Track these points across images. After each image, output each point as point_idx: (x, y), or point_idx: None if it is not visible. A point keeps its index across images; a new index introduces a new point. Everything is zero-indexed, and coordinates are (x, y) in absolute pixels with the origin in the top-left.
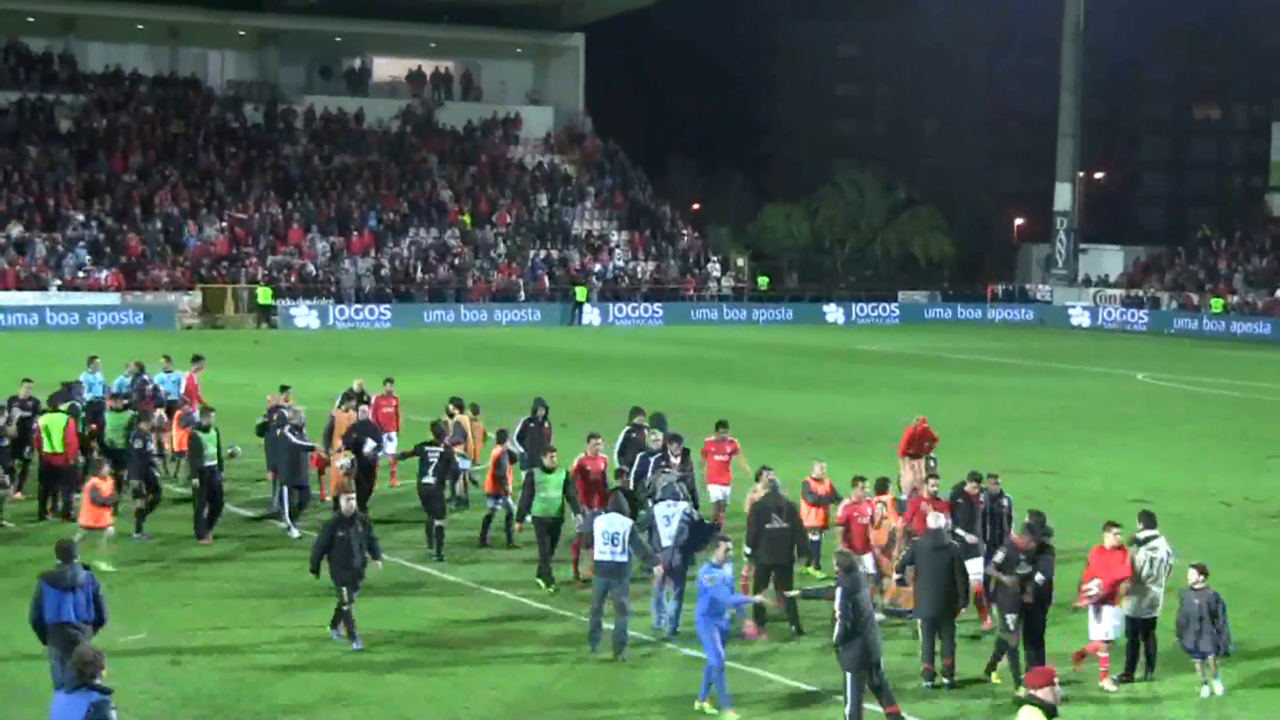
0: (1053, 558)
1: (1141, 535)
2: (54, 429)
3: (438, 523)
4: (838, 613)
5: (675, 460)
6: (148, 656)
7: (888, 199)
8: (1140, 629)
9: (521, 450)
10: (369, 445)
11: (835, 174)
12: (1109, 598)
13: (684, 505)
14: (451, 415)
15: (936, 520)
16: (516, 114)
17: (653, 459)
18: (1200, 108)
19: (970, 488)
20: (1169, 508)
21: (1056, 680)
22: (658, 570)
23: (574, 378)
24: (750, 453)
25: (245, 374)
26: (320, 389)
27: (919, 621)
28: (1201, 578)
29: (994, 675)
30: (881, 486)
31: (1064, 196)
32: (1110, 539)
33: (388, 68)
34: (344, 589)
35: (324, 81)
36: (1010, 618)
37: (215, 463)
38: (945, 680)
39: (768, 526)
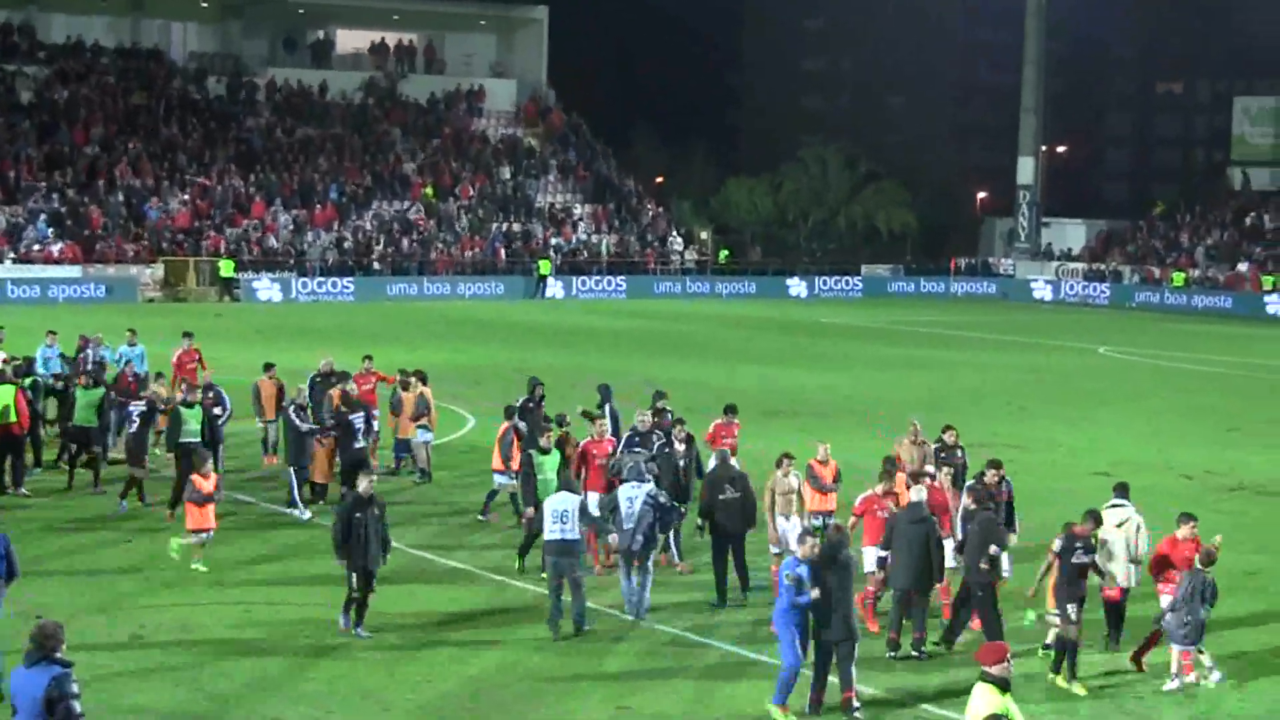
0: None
1: (1109, 505)
2: (4, 398)
3: None
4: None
5: (680, 446)
6: (110, 630)
7: (851, 173)
8: (1113, 601)
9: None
10: (359, 421)
11: (800, 148)
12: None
13: (648, 487)
14: (408, 386)
15: (919, 494)
16: (480, 86)
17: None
18: (1163, 83)
19: (990, 476)
20: (1132, 481)
21: (1009, 656)
22: (611, 540)
23: (537, 351)
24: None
25: (207, 347)
26: (283, 362)
27: (891, 591)
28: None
29: (1063, 679)
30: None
31: (1026, 170)
32: (1184, 530)
33: (351, 40)
34: (354, 575)
35: (287, 54)
36: (1071, 608)
37: (197, 439)
38: (915, 653)
39: (720, 498)
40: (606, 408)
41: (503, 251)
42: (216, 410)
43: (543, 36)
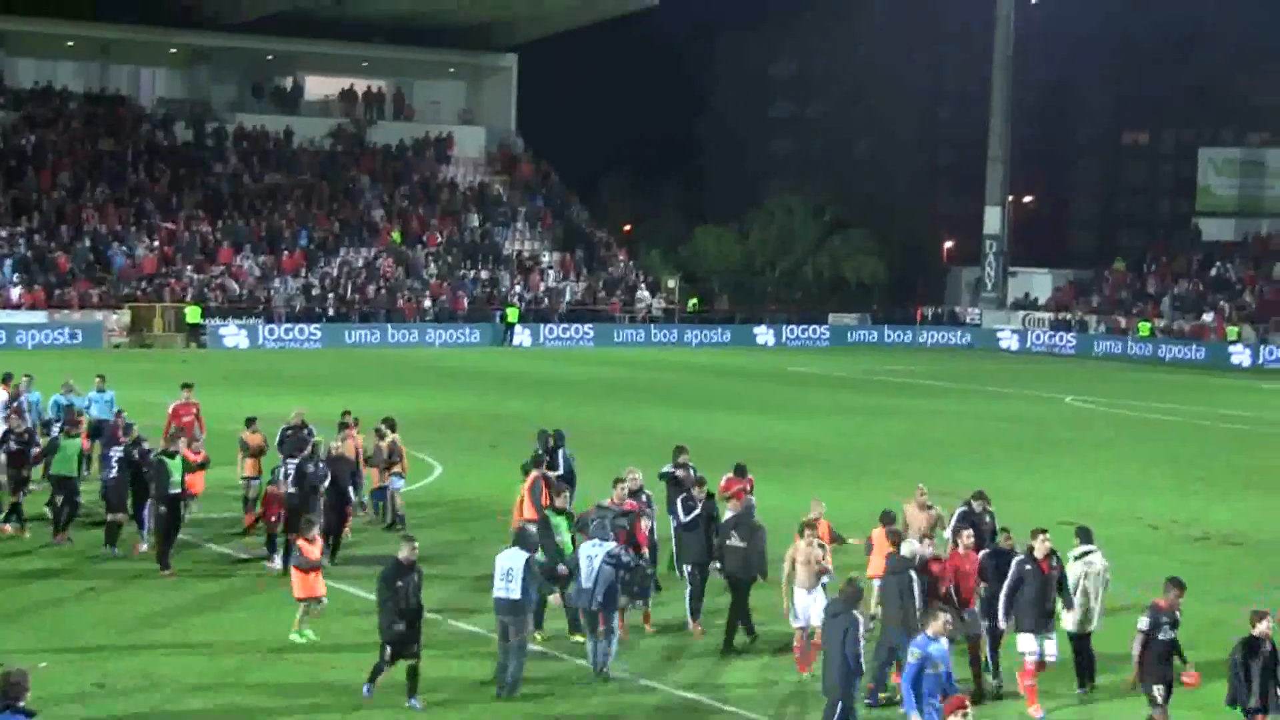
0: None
1: (1077, 551)
2: None
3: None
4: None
5: (699, 496)
6: (74, 679)
7: (819, 221)
8: (1079, 644)
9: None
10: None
11: (768, 196)
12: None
13: (609, 546)
14: (383, 435)
15: (909, 547)
16: (449, 134)
17: (679, 500)
18: (1130, 133)
19: (1004, 540)
20: (1098, 530)
21: (968, 707)
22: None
23: (505, 398)
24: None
25: (172, 394)
26: (249, 409)
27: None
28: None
29: None
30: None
31: (993, 220)
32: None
33: (320, 86)
34: (387, 647)
35: (255, 100)
36: (1158, 691)
37: (179, 490)
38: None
39: (727, 543)
40: (560, 454)
41: (465, 299)
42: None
43: (512, 84)
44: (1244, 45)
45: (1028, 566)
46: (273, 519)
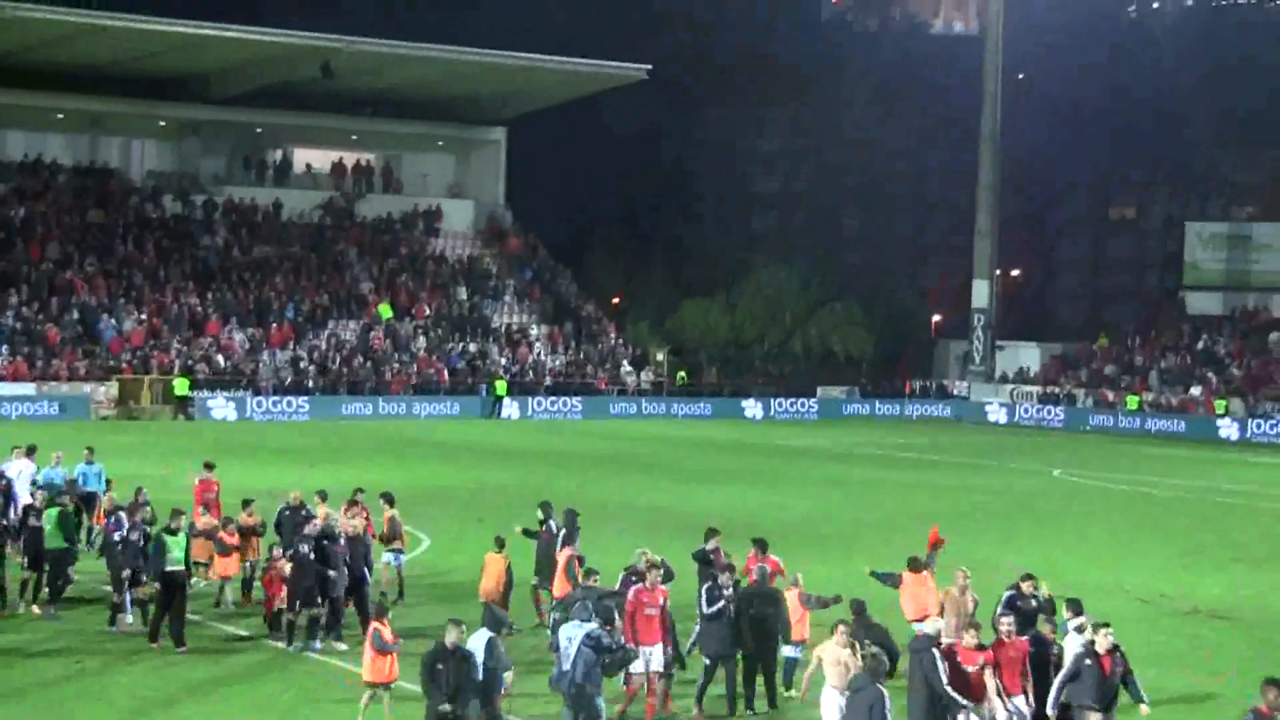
0: None
1: (1073, 624)
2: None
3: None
4: None
5: (728, 591)
6: None
7: (806, 294)
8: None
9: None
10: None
11: (755, 268)
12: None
13: (590, 627)
14: (380, 511)
15: (934, 625)
16: (437, 206)
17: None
18: (1117, 207)
19: (1045, 629)
20: (1088, 604)
21: None
22: (507, 677)
23: (492, 470)
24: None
25: (159, 465)
26: (236, 481)
27: None
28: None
29: None
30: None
31: (981, 294)
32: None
33: (309, 159)
34: None
35: (244, 172)
36: None
37: (181, 566)
38: None
39: (751, 612)
40: (550, 524)
41: (445, 372)
42: (116, 537)
43: (500, 158)
44: (1228, 121)
45: (1088, 661)
46: (275, 598)
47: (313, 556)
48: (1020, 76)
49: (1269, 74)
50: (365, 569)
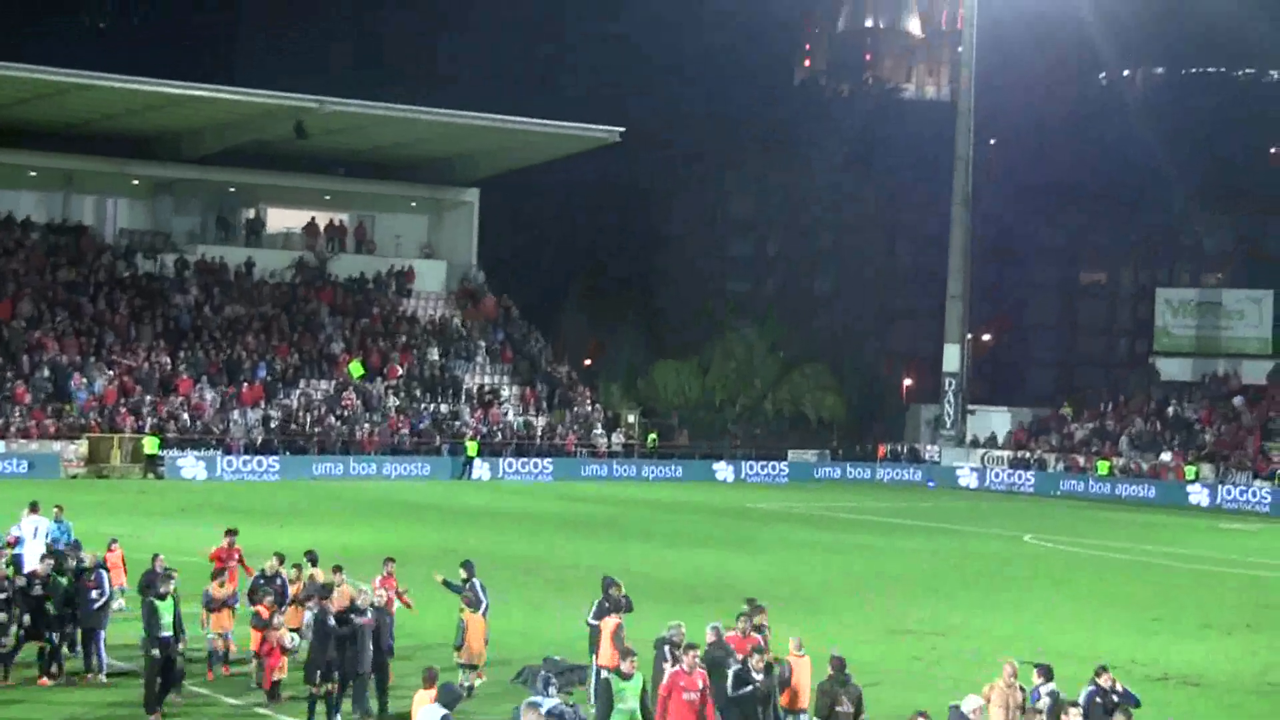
0: None
1: (1045, 689)
2: None
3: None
4: None
5: (759, 676)
6: None
7: (778, 357)
8: None
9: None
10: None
11: (726, 331)
12: None
13: (552, 703)
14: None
15: (971, 703)
16: (410, 267)
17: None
18: (1087, 273)
19: None
20: (1058, 670)
21: None
22: None
23: (463, 532)
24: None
25: (128, 525)
26: (206, 541)
27: None
28: None
29: None
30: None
31: (952, 358)
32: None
33: (281, 218)
34: None
35: (217, 231)
36: None
37: (171, 633)
38: None
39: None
40: (473, 583)
41: (416, 433)
42: (94, 594)
43: (473, 218)
44: (1198, 188)
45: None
46: (274, 669)
47: (337, 628)
48: (992, 142)
49: (1238, 141)
50: (390, 641)
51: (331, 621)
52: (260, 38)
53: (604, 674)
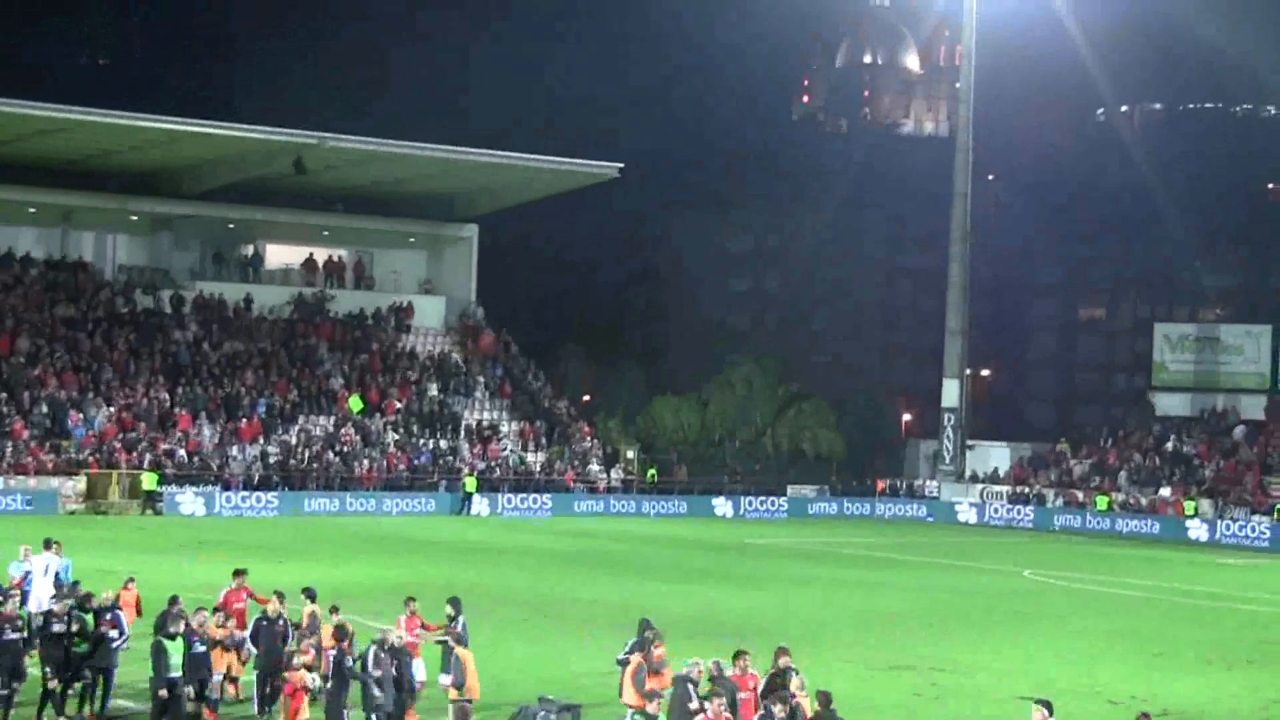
0: None
1: None
2: None
3: None
4: None
5: (779, 716)
6: None
7: (777, 393)
8: None
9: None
10: (417, 670)
11: (726, 367)
12: None
13: None
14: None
15: None
16: (409, 303)
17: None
18: (1086, 309)
19: None
20: (1058, 706)
21: None
22: None
23: (461, 568)
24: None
25: (128, 561)
26: (203, 577)
27: None
28: None
29: None
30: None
31: (951, 393)
32: None
33: (280, 254)
34: None
35: (216, 267)
36: None
37: (180, 674)
38: None
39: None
40: (459, 621)
41: (401, 468)
42: (114, 633)
43: (472, 254)
44: (1196, 224)
45: None
46: (298, 711)
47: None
48: (990, 177)
49: (1236, 177)
50: (412, 680)
51: (350, 663)
52: (259, 74)
53: (630, 715)
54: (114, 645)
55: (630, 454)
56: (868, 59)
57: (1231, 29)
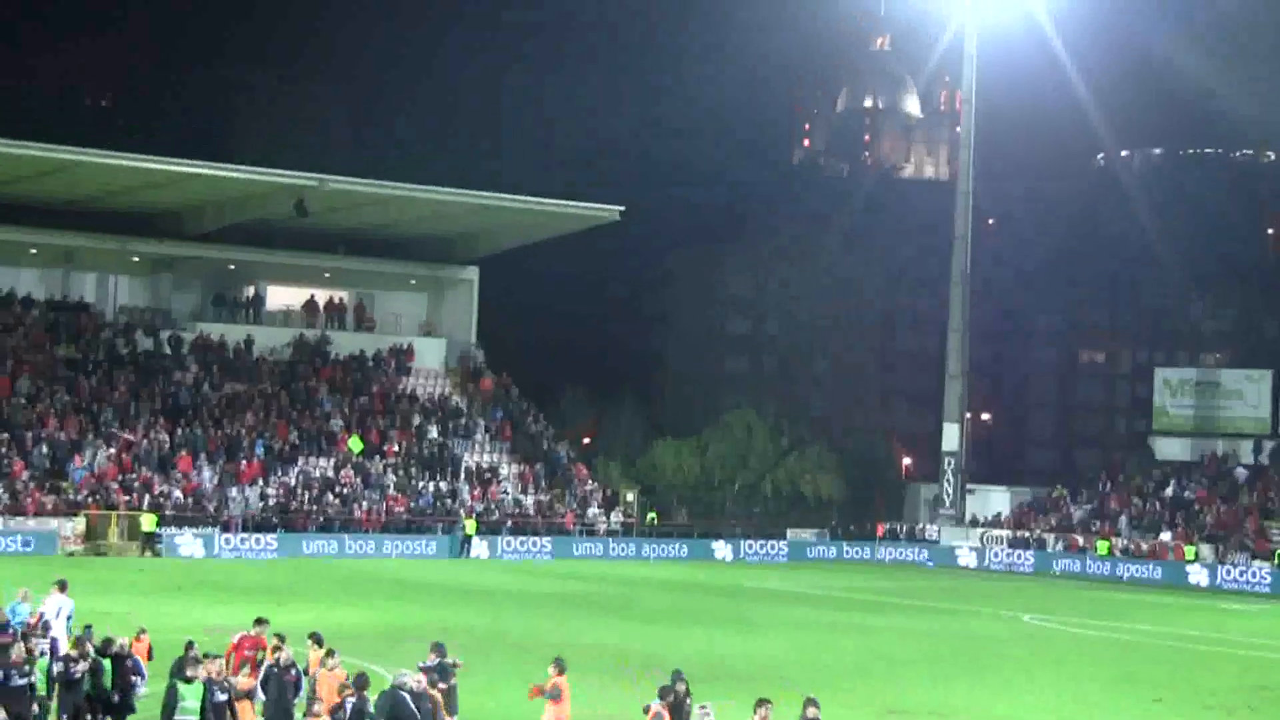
0: None
1: None
2: None
3: None
4: None
5: None
6: None
7: (777, 437)
8: None
9: None
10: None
11: (726, 410)
12: None
13: None
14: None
15: None
16: (409, 345)
17: None
18: (1086, 352)
19: None
20: None
21: None
22: None
23: (459, 611)
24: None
25: (127, 603)
26: (200, 619)
27: None
28: None
29: None
30: None
31: (952, 437)
32: None
33: (281, 296)
34: None
35: (217, 308)
36: None
37: (197, 717)
38: None
39: None
40: (444, 664)
41: (388, 512)
42: (136, 679)
43: (473, 296)
44: (1196, 268)
45: None
46: None
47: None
48: (990, 221)
49: (1235, 222)
50: None
51: (371, 710)
52: (261, 115)
53: None
54: (139, 694)
55: (630, 497)
56: (868, 103)
57: (1231, 74)
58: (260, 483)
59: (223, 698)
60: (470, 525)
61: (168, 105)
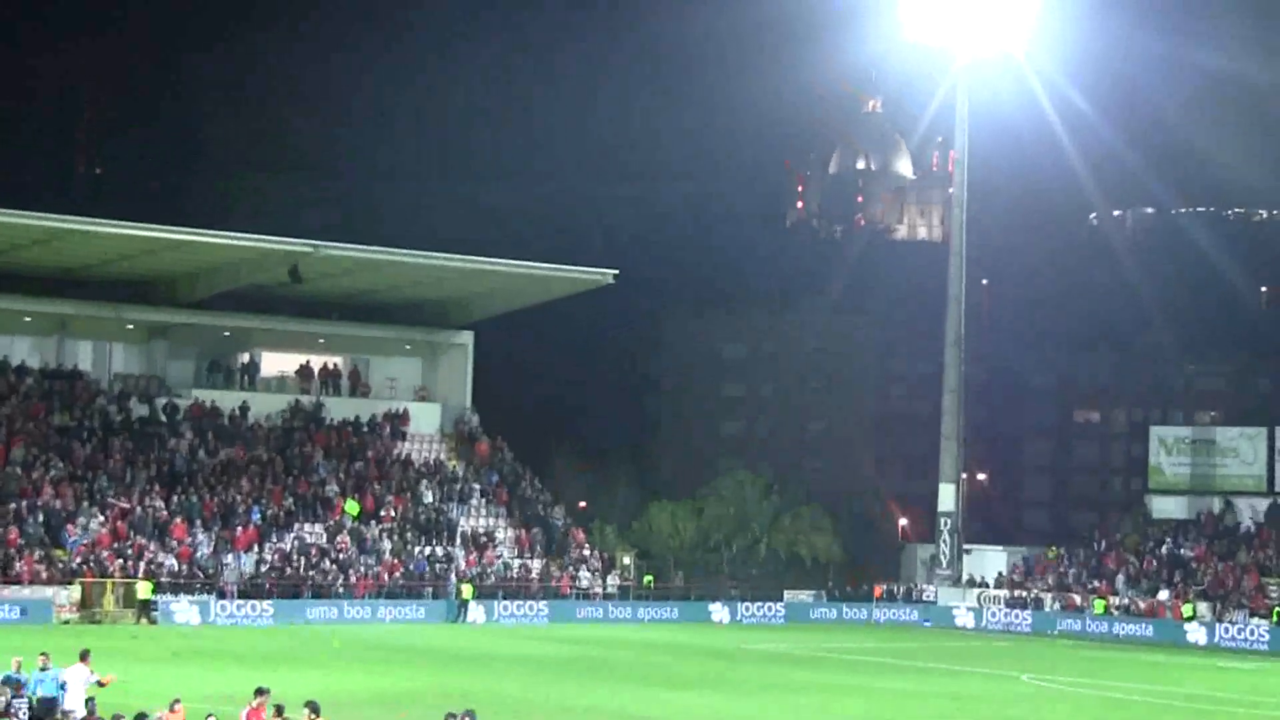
0: None
1: None
2: None
3: None
4: None
5: None
6: None
7: (772, 499)
8: None
9: None
10: None
11: (721, 473)
12: None
13: None
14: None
15: None
16: (404, 410)
17: None
18: (1081, 411)
19: None
20: None
21: None
22: None
23: (456, 676)
24: None
25: (122, 670)
26: (198, 687)
27: None
28: None
29: None
30: None
31: (947, 498)
32: None
33: (276, 362)
34: None
35: (212, 375)
36: None
37: None
38: None
39: None
40: None
41: (384, 577)
42: None
43: (467, 361)
44: (1190, 327)
45: None
46: None
47: None
48: (984, 282)
49: (1229, 280)
50: None
51: None
52: (253, 183)
53: None
54: None
55: (627, 560)
56: (861, 165)
57: (1223, 134)
58: (256, 549)
59: None
60: (467, 590)
61: (161, 173)
